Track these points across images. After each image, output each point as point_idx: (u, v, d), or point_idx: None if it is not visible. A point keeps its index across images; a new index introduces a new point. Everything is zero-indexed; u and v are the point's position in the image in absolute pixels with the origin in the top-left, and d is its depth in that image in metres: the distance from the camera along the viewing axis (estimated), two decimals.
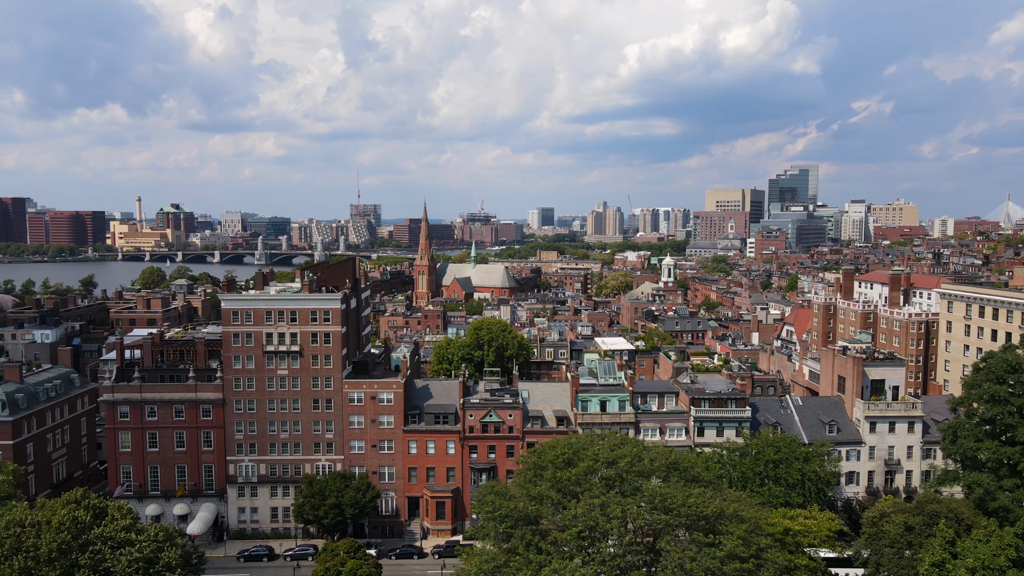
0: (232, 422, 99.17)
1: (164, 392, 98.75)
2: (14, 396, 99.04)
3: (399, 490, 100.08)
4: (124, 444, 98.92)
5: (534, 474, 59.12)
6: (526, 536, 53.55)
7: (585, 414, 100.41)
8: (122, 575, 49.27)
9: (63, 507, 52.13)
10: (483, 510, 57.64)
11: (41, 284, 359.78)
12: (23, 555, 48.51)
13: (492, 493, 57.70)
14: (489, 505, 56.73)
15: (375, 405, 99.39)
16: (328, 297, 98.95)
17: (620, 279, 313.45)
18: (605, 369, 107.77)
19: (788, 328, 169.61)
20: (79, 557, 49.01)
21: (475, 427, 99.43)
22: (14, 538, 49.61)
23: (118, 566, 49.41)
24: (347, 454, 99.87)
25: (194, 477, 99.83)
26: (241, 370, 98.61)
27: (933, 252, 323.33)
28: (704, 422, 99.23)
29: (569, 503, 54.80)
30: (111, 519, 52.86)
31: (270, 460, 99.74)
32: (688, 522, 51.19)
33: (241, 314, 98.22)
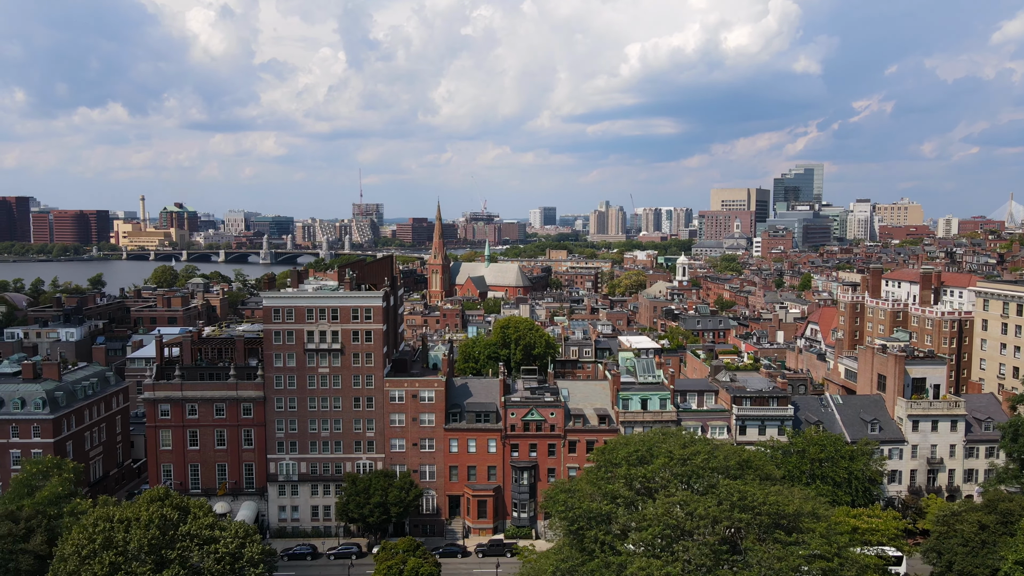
0: (273, 420, 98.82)
1: (205, 390, 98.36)
2: (54, 394, 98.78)
3: (440, 489, 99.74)
4: (164, 442, 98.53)
5: (605, 472, 58.76)
6: (600, 535, 53.22)
7: (626, 412, 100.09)
8: (209, 571, 49.03)
9: (147, 504, 51.81)
10: (555, 509, 57.28)
11: (50, 283, 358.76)
12: (113, 551, 48.27)
13: (564, 491, 57.35)
14: (562, 504, 56.39)
15: (416, 403, 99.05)
16: (370, 295, 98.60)
17: (633, 278, 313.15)
18: (644, 367, 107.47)
19: (812, 327, 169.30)
20: (168, 553, 48.72)
21: (516, 425, 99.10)
22: (104, 534, 49.38)
23: (206, 562, 49.16)
24: (388, 452, 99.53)
25: (234, 475, 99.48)
26: (282, 368, 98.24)
27: (945, 251, 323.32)
28: (746, 420, 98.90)
29: (644, 501, 54.53)
30: (194, 516, 52.61)
31: (311, 458, 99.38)
32: (770, 520, 50.91)
33: (283, 311, 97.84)
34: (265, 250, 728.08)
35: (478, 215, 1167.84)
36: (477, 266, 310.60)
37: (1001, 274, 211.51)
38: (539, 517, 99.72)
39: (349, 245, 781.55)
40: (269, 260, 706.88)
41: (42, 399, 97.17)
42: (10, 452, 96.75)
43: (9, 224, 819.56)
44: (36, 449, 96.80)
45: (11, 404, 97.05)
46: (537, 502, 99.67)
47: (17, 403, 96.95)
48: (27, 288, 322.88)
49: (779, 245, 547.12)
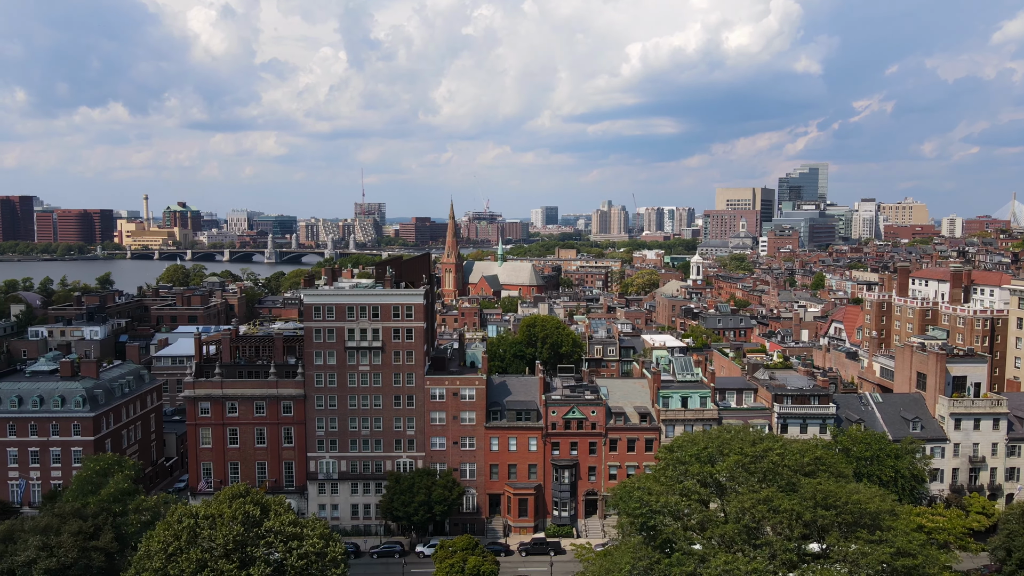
0: (313, 418, 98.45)
1: (245, 388, 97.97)
2: (93, 392, 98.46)
3: (480, 487, 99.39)
4: (204, 440, 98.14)
5: (674, 469, 58.41)
6: (679, 532, 52.93)
7: (667, 410, 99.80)
8: (293, 568, 48.65)
9: (229, 500, 51.43)
10: (629, 506, 56.92)
11: (59, 282, 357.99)
12: (199, 548, 47.89)
13: (637, 488, 57.03)
14: (636, 501, 56.02)
15: (457, 401, 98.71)
16: (411, 292, 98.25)
17: (646, 277, 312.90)
18: (682, 366, 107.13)
19: (836, 325, 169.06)
20: (252, 550, 48.34)
21: (557, 423, 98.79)
22: (189, 530, 49.01)
23: (290, 559, 48.78)
24: (428, 451, 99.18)
25: (274, 473, 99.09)
26: (322, 366, 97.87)
27: (957, 250, 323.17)
28: (788, 418, 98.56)
29: (718, 498, 54.26)
30: (276, 513, 52.23)
31: (351, 457, 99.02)
32: (852, 518, 50.65)
33: (323, 309, 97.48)
34: (270, 249, 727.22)
35: (481, 214, 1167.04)
36: (490, 265, 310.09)
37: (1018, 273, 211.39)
38: (580, 516, 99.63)
39: (354, 245, 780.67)
40: (274, 259, 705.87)
41: (82, 397, 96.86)
42: (50, 450, 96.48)
43: (13, 223, 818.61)
44: (76, 447, 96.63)
45: (51, 402, 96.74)
46: (578, 500, 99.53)
47: (57, 401, 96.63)
48: (36, 287, 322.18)
49: (785, 244, 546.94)
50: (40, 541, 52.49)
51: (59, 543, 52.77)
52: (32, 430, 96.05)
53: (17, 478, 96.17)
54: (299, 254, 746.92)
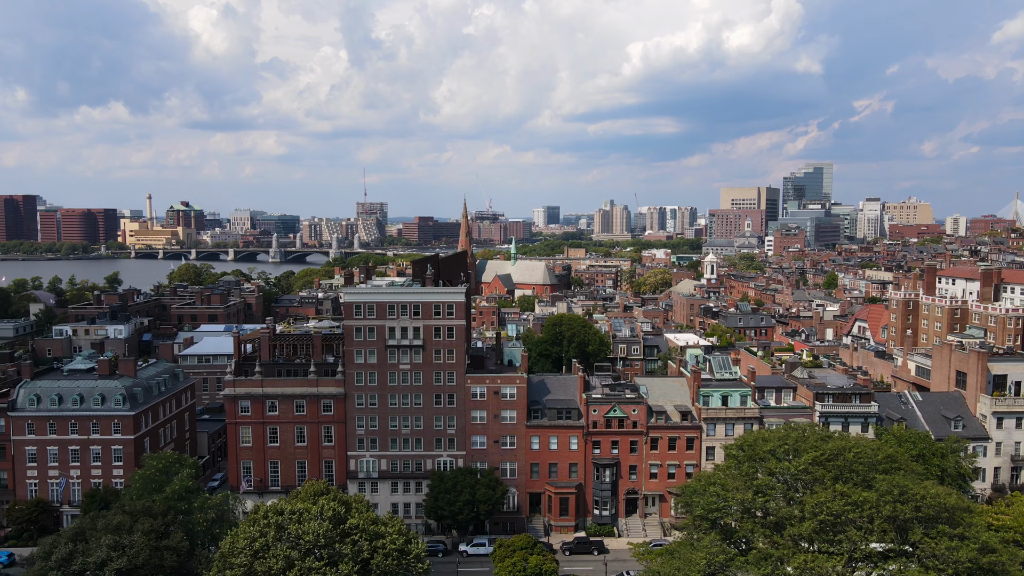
0: (353, 417, 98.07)
1: (286, 387, 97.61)
2: (132, 390, 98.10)
3: (521, 486, 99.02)
4: (244, 439, 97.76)
5: (748, 466, 58.09)
6: (758, 529, 52.61)
7: (707, 409, 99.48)
8: (379, 566, 48.23)
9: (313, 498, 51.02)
10: (704, 501, 56.59)
11: (67, 281, 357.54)
12: (286, 544, 47.48)
13: (712, 485, 56.72)
14: (712, 497, 55.70)
15: (497, 400, 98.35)
16: (452, 290, 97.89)
17: (659, 276, 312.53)
18: (719, 364, 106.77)
19: (860, 324, 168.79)
20: (340, 547, 47.93)
21: (599, 422, 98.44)
22: (276, 527, 48.59)
23: (376, 557, 48.35)
24: (469, 450, 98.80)
25: (314, 472, 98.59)
26: (363, 364, 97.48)
27: (969, 249, 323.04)
28: (830, 417, 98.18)
29: (795, 495, 53.97)
30: (358, 512, 51.83)
31: (391, 456, 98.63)
32: (934, 512, 50.36)
33: (363, 307, 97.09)
34: (275, 249, 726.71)
35: (484, 214, 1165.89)
36: (503, 264, 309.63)
37: None
38: (620, 514, 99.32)
39: (359, 244, 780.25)
40: (279, 259, 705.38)
41: (122, 395, 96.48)
42: (90, 448, 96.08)
43: (16, 223, 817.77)
44: (116, 446, 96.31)
45: (91, 400, 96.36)
46: (619, 499, 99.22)
47: (97, 399, 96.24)
48: (45, 287, 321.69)
49: (791, 244, 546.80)
50: (112, 540, 52.06)
51: (131, 542, 52.38)
52: (72, 428, 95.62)
53: (57, 476, 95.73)
54: (304, 253, 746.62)
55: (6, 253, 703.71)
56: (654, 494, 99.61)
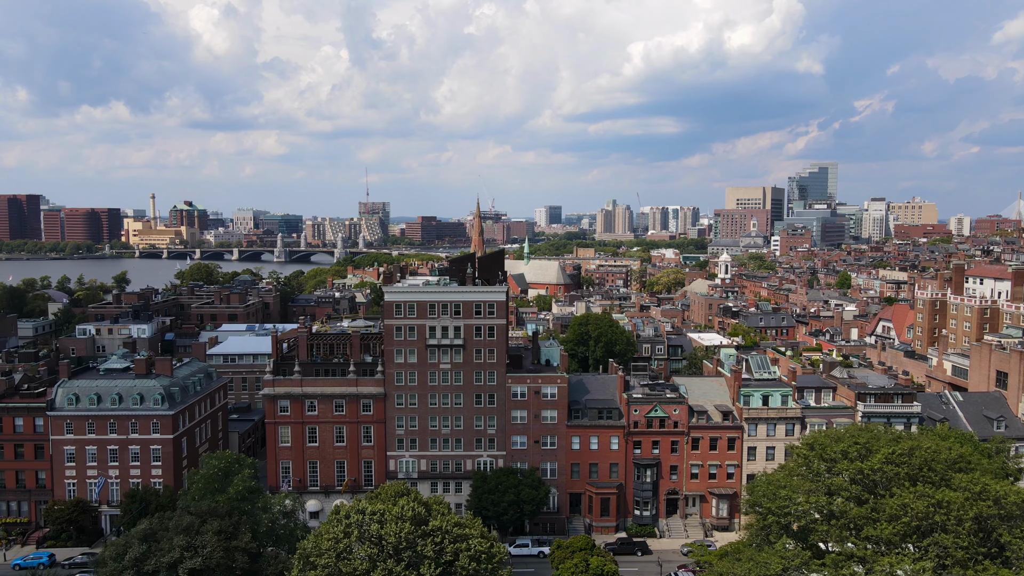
0: (393, 417, 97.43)
1: (325, 386, 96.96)
2: (170, 389, 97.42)
3: (561, 486, 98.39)
4: (283, 439, 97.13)
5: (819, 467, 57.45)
6: (834, 531, 51.99)
7: (748, 408, 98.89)
8: (463, 569, 47.57)
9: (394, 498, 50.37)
10: (774, 504, 55.98)
11: (76, 280, 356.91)
12: (368, 544, 46.79)
13: (782, 487, 56.09)
14: (783, 500, 55.09)
15: (538, 400, 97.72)
16: (493, 289, 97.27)
17: (671, 276, 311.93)
18: (757, 364, 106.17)
19: (885, 323, 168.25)
20: (423, 548, 47.28)
21: (639, 422, 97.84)
22: (358, 527, 47.93)
23: (460, 560, 47.72)
24: (509, 450, 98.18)
25: (353, 472, 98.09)
26: (403, 364, 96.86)
27: (982, 249, 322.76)
28: (872, 417, 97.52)
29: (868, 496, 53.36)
30: (439, 514, 51.19)
31: (431, 456, 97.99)
32: (1018, 512, 49.75)
33: (404, 306, 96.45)
34: (279, 248, 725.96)
35: (486, 214, 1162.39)
36: (516, 263, 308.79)
37: None
38: (661, 515, 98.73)
39: (363, 244, 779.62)
40: (283, 258, 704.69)
41: (160, 395, 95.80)
42: (129, 448, 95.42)
43: (20, 222, 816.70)
44: (154, 445, 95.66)
45: (130, 400, 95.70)
46: (660, 500, 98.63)
47: (136, 399, 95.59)
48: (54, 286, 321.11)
49: (798, 244, 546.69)
50: (184, 541, 51.42)
51: (202, 543, 51.74)
52: (111, 428, 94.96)
53: (96, 476, 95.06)
54: (308, 253, 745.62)
55: (10, 253, 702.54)
56: (695, 494, 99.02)
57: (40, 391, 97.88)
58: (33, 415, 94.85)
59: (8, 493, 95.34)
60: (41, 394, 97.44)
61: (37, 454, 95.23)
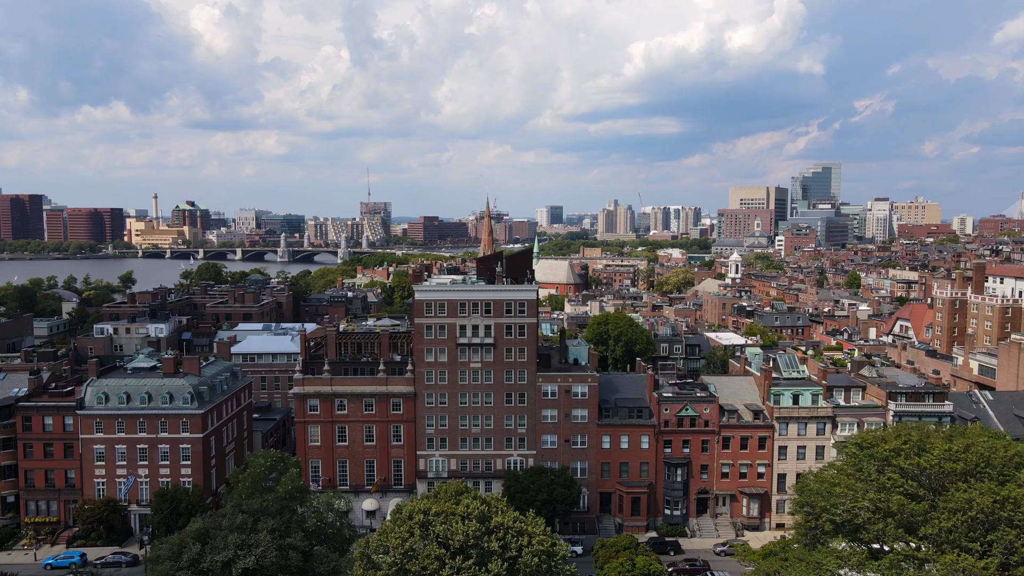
0: (423, 416, 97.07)
1: (355, 385, 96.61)
2: (199, 388, 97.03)
3: (591, 485, 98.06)
4: (313, 438, 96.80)
5: (870, 464, 57.10)
6: (891, 530, 51.63)
7: (778, 407, 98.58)
8: (527, 566, 47.17)
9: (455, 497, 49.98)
10: (828, 502, 55.62)
11: (82, 280, 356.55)
12: (434, 543, 46.40)
13: (835, 485, 55.73)
14: (839, 497, 54.76)
15: (569, 399, 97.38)
16: (524, 288, 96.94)
17: (681, 276, 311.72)
18: (786, 363, 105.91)
19: (902, 323, 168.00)
20: (489, 545, 46.87)
21: (670, 421, 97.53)
22: (421, 526, 47.54)
23: (524, 556, 47.33)
24: (539, 449, 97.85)
25: (383, 472, 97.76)
26: (433, 363, 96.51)
27: (991, 249, 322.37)
28: (904, 416, 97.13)
29: (925, 494, 53.03)
30: (499, 511, 50.77)
31: (460, 455, 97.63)
32: None
33: (434, 305, 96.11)
34: (283, 248, 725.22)
35: None
36: None
37: None
38: (691, 514, 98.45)
39: (367, 244, 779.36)
40: (287, 258, 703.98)
41: (189, 393, 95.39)
42: (159, 447, 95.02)
43: (22, 222, 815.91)
44: (184, 444, 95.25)
45: (159, 398, 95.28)
46: (690, 499, 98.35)
47: (165, 397, 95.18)
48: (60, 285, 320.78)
49: (802, 244, 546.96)
50: (238, 539, 51.06)
51: (256, 541, 51.38)
52: (140, 427, 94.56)
53: (125, 475, 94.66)
54: (312, 253, 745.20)
55: (13, 252, 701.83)
56: (725, 494, 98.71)
57: (68, 390, 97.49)
58: (63, 414, 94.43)
59: (37, 492, 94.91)
60: (69, 393, 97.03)
61: (66, 453, 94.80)
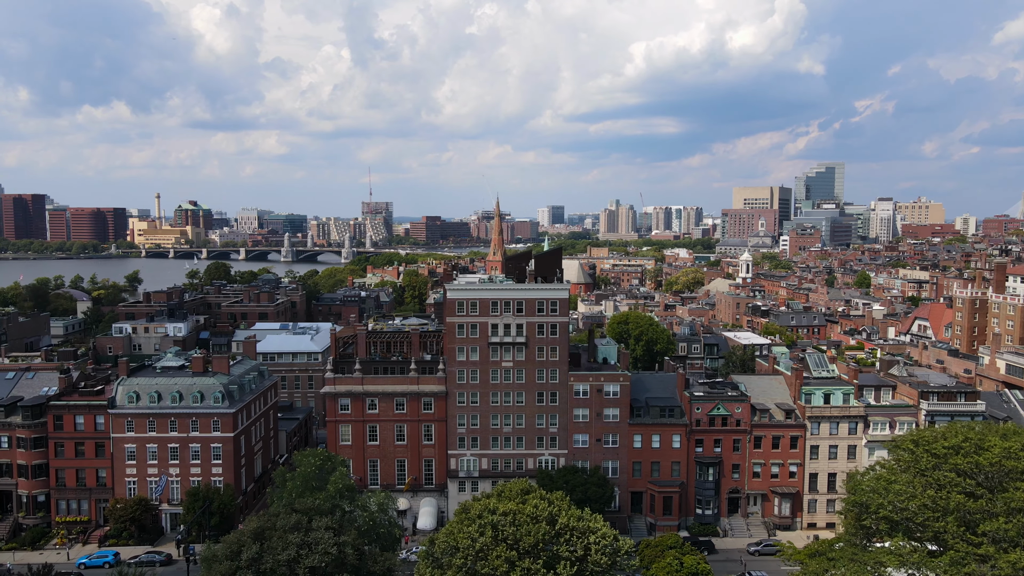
0: (454, 415, 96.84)
1: (387, 384, 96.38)
2: (229, 387, 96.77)
3: (623, 485, 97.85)
4: (344, 437, 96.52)
5: (927, 463, 56.87)
6: (950, 528, 51.45)
7: (810, 407, 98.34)
8: (595, 562, 46.90)
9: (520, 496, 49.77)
10: (887, 499, 55.40)
11: (89, 280, 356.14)
12: (504, 545, 46.11)
13: (894, 483, 55.49)
14: (897, 495, 54.54)
15: (600, 398, 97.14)
16: (556, 287, 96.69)
17: (690, 276, 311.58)
18: (816, 362, 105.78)
19: (921, 323, 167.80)
20: (558, 548, 46.64)
21: (702, 420, 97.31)
22: (491, 527, 47.27)
23: (592, 555, 47.08)
24: (571, 448, 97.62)
25: (414, 471, 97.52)
26: (465, 362, 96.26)
27: (1000, 248, 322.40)
28: (936, 416, 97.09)
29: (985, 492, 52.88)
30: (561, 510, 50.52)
31: (492, 454, 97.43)
32: None
33: (466, 304, 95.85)
34: (286, 248, 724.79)
35: (490, 213, 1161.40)
36: None
37: None
38: (722, 514, 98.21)
39: (370, 243, 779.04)
40: (290, 258, 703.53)
41: (220, 392, 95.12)
42: (190, 446, 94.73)
43: (25, 222, 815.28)
44: (215, 443, 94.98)
45: (190, 397, 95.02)
46: (722, 498, 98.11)
47: (196, 396, 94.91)
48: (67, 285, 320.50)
49: (807, 243, 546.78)
50: (299, 538, 50.80)
51: (316, 540, 51.15)
52: (172, 426, 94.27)
53: (156, 475, 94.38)
54: (315, 252, 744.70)
55: (17, 252, 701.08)
56: (756, 493, 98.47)
57: (99, 389, 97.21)
58: (94, 413, 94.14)
59: (68, 492, 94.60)
60: (99, 392, 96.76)
61: (98, 452, 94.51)
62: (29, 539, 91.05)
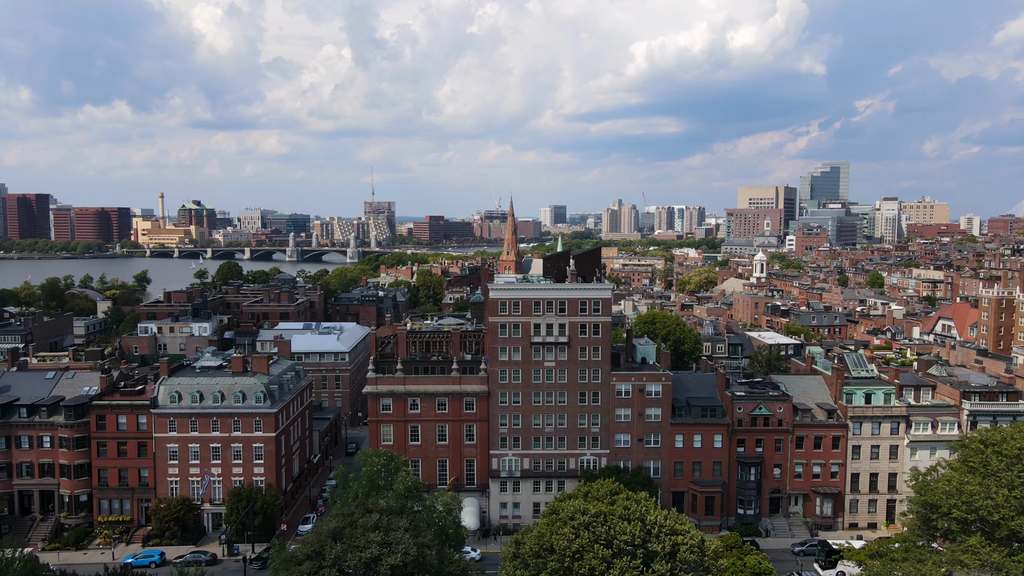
0: (496, 415, 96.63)
1: (428, 384, 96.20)
2: (270, 387, 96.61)
3: (664, 485, 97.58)
4: (386, 437, 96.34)
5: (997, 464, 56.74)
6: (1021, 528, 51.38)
7: (851, 407, 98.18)
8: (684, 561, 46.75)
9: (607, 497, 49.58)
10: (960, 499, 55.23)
11: (98, 280, 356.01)
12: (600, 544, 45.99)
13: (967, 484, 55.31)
14: (970, 495, 54.39)
15: (642, 398, 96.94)
16: (599, 287, 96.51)
17: (703, 275, 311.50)
18: (854, 362, 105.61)
19: (945, 322, 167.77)
20: (652, 546, 46.54)
21: (743, 420, 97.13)
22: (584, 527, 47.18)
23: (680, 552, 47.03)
24: (612, 448, 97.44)
25: (455, 471, 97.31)
26: (507, 361, 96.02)
27: (1012, 248, 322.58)
28: (978, 416, 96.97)
29: None
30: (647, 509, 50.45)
31: (533, 454, 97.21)
32: None
33: (508, 304, 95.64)
34: (291, 248, 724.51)
35: (493, 213, 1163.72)
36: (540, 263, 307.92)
37: None
38: (764, 514, 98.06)
39: (375, 243, 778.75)
40: (295, 258, 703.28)
41: (262, 392, 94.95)
42: (232, 446, 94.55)
43: (30, 221, 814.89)
44: (257, 443, 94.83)
45: (231, 397, 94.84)
46: (763, 498, 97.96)
47: (238, 396, 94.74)
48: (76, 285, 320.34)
49: (814, 243, 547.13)
50: (380, 537, 50.65)
51: (397, 539, 51.02)
52: (214, 426, 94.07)
53: (199, 474, 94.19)
54: (320, 252, 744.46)
55: (22, 252, 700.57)
56: (798, 493, 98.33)
57: (139, 389, 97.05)
58: (136, 413, 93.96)
59: (111, 491, 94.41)
60: (140, 392, 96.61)
61: (140, 452, 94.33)
62: (72, 539, 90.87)
